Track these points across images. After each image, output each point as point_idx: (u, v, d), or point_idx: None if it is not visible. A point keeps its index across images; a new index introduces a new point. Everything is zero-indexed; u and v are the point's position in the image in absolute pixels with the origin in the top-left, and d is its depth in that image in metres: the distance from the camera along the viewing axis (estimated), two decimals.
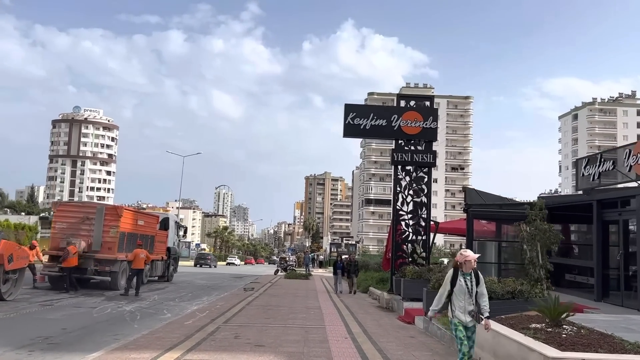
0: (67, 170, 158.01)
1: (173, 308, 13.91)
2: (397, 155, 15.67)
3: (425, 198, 15.65)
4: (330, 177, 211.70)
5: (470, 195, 16.28)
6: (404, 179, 15.75)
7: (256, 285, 23.42)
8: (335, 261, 23.57)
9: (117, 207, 18.68)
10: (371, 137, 16.29)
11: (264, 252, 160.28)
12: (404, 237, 15.55)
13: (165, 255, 23.71)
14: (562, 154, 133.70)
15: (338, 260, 22.74)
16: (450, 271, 6.02)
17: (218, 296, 17.77)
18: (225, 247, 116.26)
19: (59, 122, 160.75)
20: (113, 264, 18.00)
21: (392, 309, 14.51)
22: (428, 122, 15.65)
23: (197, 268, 48.29)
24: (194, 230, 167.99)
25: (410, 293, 13.14)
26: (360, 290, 21.28)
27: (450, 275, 5.95)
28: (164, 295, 17.75)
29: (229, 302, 15.10)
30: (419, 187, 15.70)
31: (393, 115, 15.64)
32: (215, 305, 14.17)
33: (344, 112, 15.65)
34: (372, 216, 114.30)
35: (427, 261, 15.38)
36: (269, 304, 14.99)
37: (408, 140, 15.80)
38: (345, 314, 13.35)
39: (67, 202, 18.21)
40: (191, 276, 31.36)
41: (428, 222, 15.64)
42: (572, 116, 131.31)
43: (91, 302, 14.47)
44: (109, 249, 18.04)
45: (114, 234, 18.16)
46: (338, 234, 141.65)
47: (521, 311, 8.24)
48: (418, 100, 15.99)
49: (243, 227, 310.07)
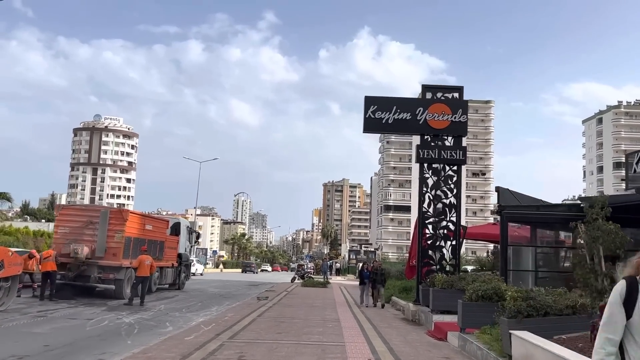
0: (88, 178, 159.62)
1: (177, 320, 12.66)
2: (422, 152, 14.24)
3: (455, 199, 14.18)
4: (348, 184, 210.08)
5: (504, 196, 14.73)
6: (430, 178, 14.30)
7: (271, 294, 22.11)
8: (361, 269, 20.87)
9: (122, 210, 17.56)
10: (394, 132, 14.95)
11: (282, 259, 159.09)
12: (431, 242, 14.09)
13: (176, 262, 22.57)
14: (586, 159, 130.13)
15: (364, 269, 19.84)
16: (620, 284, 2.99)
17: (229, 306, 16.50)
18: (243, 254, 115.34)
19: (80, 131, 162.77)
20: (118, 271, 16.89)
21: (419, 322, 13.05)
22: (457, 115, 14.22)
23: (211, 275, 47.18)
24: (213, 237, 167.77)
25: (440, 304, 11.68)
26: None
27: (622, 290, 2.95)
28: (172, 304, 16.55)
29: (239, 313, 13.80)
30: (447, 187, 14.23)
31: (418, 108, 14.24)
32: (223, 317, 12.88)
33: (364, 104, 14.31)
34: (391, 223, 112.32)
35: (457, 269, 13.88)
36: (283, 316, 13.64)
37: (435, 135, 14.36)
38: (367, 327, 11.94)
39: (70, 206, 17.19)
40: (205, 284, 30.21)
41: (458, 225, 14.16)
42: (597, 120, 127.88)
43: (89, 312, 13.31)
44: (114, 255, 16.94)
45: (119, 239, 17.05)
46: (356, 241, 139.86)
47: (584, 330, 6.77)
48: (445, 92, 14.56)
49: (262, 234, 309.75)
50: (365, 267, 20.02)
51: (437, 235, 14.09)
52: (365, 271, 19.25)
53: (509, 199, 15.10)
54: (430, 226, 14.17)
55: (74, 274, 16.61)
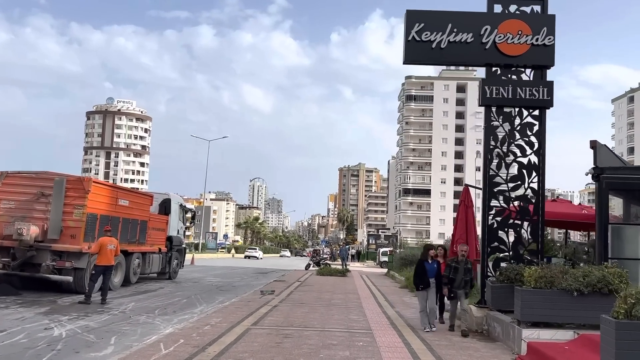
0: (102, 162, 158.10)
1: (133, 331, 8.64)
2: (489, 90, 9.89)
3: (536, 157, 9.84)
4: (364, 168, 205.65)
5: (602, 154, 10.33)
6: (501, 128, 9.97)
7: (280, 285, 18.07)
8: (421, 262, 9.78)
9: (83, 178, 13.52)
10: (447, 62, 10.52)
11: (297, 245, 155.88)
12: (502, 219, 9.80)
13: (165, 246, 18.62)
14: (615, 140, 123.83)
15: (428, 258, 9.67)
16: None
17: (222, 304, 12.48)
18: (257, 239, 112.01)
19: (93, 114, 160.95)
20: (78, 257, 12.96)
21: (491, 336, 8.85)
22: (540, 37, 9.82)
23: (219, 261, 43.43)
24: (228, 222, 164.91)
25: (534, 314, 7.46)
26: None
27: None
28: (146, 302, 12.57)
29: (228, 319, 9.76)
30: (525, 140, 9.89)
31: (484, 27, 9.88)
32: (203, 327, 8.84)
33: (405, 23, 9.99)
34: (410, 207, 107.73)
35: (540, 257, 9.60)
36: (290, 324, 9.55)
37: (507, 65, 9.99)
38: (417, 347, 7.77)
39: (16, 173, 13.07)
40: (206, 272, 26.33)
41: (541, 194, 9.83)
42: (628, 99, 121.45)
43: (16, 317, 9.37)
44: (72, 237, 12.99)
45: (79, 216, 13.08)
46: (373, 226, 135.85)
47: None
48: (522, 4, 10.15)
49: (277, 220, 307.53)
50: (432, 255, 9.73)
51: (511, 209, 9.79)
52: (431, 263, 9.59)
53: (609, 158, 10.72)
54: (501, 196, 9.86)
55: (19, 261, 12.72)
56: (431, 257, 9.63)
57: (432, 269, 9.48)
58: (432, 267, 9.50)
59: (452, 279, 9.40)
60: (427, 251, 9.81)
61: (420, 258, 10.06)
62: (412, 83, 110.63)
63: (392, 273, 26.52)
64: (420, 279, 9.44)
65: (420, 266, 9.58)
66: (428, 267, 9.46)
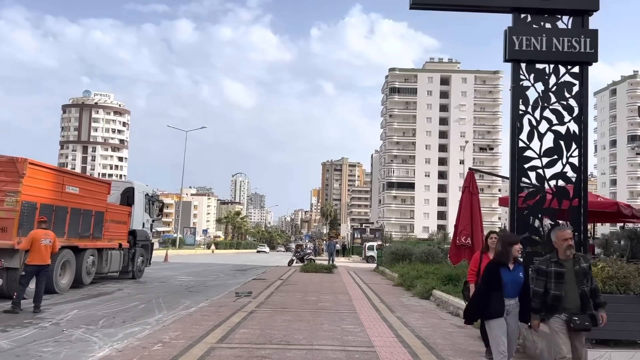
0: (78, 157, 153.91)
1: (55, 354, 6.43)
2: (518, 41, 7.86)
3: (577, 125, 7.84)
4: (347, 163, 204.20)
5: None
6: (532, 88, 7.94)
7: (259, 284, 15.91)
8: (496, 267, 5.10)
9: (17, 159, 11.14)
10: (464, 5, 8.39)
11: (279, 240, 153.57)
12: (536, 203, 7.78)
13: (128, 241, 16.31)
14: (597, 133, 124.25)
15: (509, 262, 5.08)
16: None
17: (186, 310, 10.29)
18: (238, 234, 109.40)
19: (69, 107, 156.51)
20: (10, 255, 10.67)
21: (529, 353, 6.84)
22: None
23: (195, 257, 41.06)
24: (209, 217, 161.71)
25: (601, 328, 5.43)
26: (419, 296, 13.74)
27: None
28: (93, 309, 10.31)
29: (188, 332, 7.59)
30: (562, 104, 7.89)
31: None
32: (153, 345, 6.67)
33: None
34: (394, 201, 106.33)
35: (583, 249, 7.62)
36: (267, 337, 7.42)
37: (539, 10, 7.98)
38: None
39: None
40: (179, 269, 24.06)
41: (583, 172, 7.84)
42: (610, 91, 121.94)
43: None
44: (2, 230, 10.70)
45: (12, 205, 10.78)
46: (356, 220, 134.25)
47: None
48: None
49: (260, 215, 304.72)
50: (514, 254, 5.12)
51: (548, 189, 7.78)
52: (512, 269, 5.08)
53: None
54: (533, 173, 7.83)
55: None
56: (513, 259, 5.07)
57: (516, 280, 5.04)
58: (516, 277, 5.04)
59: (558, 297, 4.88)
60: (510, 247, 5.06)
61: (494, 260, 5.24)
62: (395, 75, 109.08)
63: (381, 269, 24.54)
64: (489, 301, 4.97)
65: (495, 275, 5.03)
66: (507, 279, 5.00)
